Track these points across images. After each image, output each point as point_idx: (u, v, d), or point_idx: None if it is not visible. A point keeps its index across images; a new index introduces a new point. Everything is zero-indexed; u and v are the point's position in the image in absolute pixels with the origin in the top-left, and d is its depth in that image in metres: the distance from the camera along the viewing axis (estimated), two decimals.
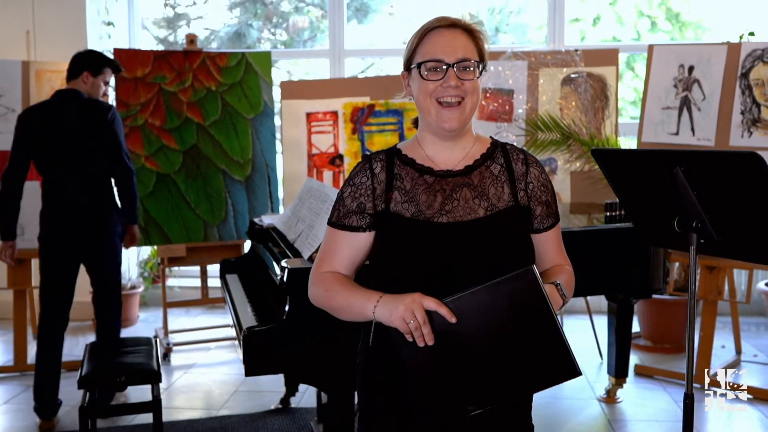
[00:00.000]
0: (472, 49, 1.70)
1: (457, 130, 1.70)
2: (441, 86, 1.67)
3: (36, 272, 4.76)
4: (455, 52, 1.67)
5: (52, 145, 3.77)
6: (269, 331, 2.62)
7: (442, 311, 1.52)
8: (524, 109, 4.89)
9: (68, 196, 3.79)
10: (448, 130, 1.70)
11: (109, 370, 3.16)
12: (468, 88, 1.68)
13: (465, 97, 1.68)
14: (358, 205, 1.72)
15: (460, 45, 1.68)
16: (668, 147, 4.29)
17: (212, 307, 5.77)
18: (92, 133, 3.78)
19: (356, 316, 1.67)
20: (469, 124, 1.74)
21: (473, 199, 1.70)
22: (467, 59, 1.68)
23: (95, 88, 3.89)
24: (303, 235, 3.04)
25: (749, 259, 2.09)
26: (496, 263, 1.62)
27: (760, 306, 5.16)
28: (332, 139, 5.05)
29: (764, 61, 4.14)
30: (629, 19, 6.35)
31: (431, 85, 1.68)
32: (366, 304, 1.62)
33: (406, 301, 1.55)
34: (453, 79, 1.66)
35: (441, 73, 1.67)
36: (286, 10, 6.60)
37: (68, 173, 3.78)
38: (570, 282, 1.78)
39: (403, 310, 1.54)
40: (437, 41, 1.68)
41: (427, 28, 1.71)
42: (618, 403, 3.94)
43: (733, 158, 1.88)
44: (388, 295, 1.61)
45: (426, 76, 1.68)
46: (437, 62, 1.67)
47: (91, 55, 3.94)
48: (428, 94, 1.69)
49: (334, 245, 1.76)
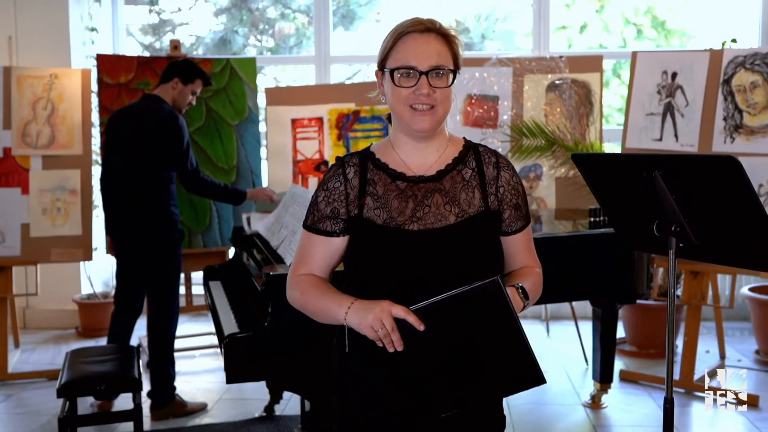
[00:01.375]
0: (446, 55, 1.69)
1: (428, 131, 1.70)
2: (413, 93, 1.67)
3: (17, 280, 4.74)
4: (428, 58, 1.66)
5: (120, 150, 3.83)
6: (250, 338, 2.60)
7: (410, 319, 1.53)
8: (509, 116, 4.89)
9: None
10: (420, 131, 1.70)
11: (90, 379, 3.13)
12: (438, 96, 1.68)
13: (436, 105, 1.68)
14: (332, 210, 1.73)
15: (434, 51, 1.67)
16: (652, 152, 4.31)
17: (196, 314, 5.73)
18: (156, 143, 3.80)
19: (330, 320, 1.69)
20: (441, 126, 1.75)
21: (444, 205, 1.70)
22: (440, 66, 1.67)
23: (182, 96, 3.97)
24: (286, 241, 3.02)
25: (728, 263, 2.09)
26: (467, 269, 1.64)
27: (743, 311, 5.18)
28: (317, 145, 5.04)
29: (746, 67, 4.16)
30: (615, 27, 6.38)
31: (404, 91, 1.68)
32: (338, 311, 1.64)
33: (375, 310, 1.56)
34: (425, 87, 1.66)
35: (413, 80, 1.67)
36: (272, 16, 6.59)
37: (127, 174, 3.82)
38: (536, 284, 1.77)
39: (372, 318, 1.56)
40: (411, 47, 1.67)
41: (401, 32, 1.70)
42: (603, 409, 3.94)
43: (710, 162, 1.89)
44: (359, 302, 1.62)
45: (399, 82, 1.68)
46: (410, 69, 1.67)
47: (185, 64, 4.04)
48: (401, 100, 1.69)
49: (310, 248, 1.77)
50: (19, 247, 4.54)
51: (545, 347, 5.02)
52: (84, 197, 4.71)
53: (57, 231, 4.62)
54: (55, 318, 5.59)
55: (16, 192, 4.46)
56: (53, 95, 4.68)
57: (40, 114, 4.65)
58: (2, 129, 4.59)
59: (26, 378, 4.46)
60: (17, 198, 4.51)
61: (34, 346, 5.15)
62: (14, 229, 4.53)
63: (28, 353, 4.99)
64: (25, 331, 5.45)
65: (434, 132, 1.72)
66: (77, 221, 4.67)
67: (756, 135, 4.10)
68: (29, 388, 4.33)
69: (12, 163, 4.58)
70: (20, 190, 4.53)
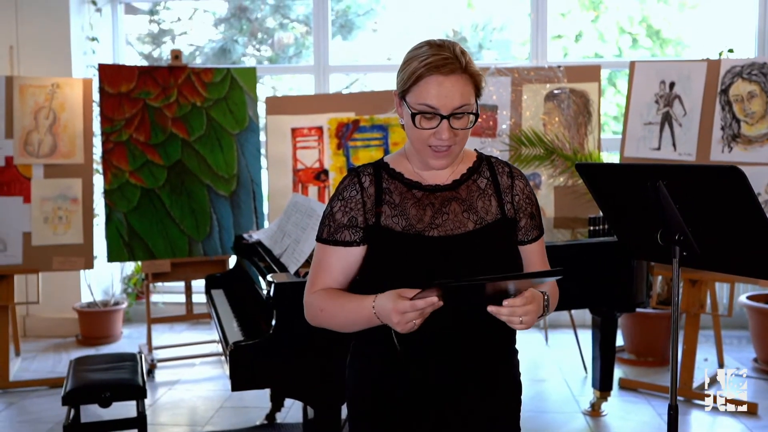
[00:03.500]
0: (469, 93, 1.64)
1: (445, 167, 1.72)
2: (433, 135, 1.64)
3: (18, 288, 4.75)
4: (452, 102, 1.62)
5: None
6: (255, 346, 2.62)
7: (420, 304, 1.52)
8: (508, 125, 4.93)
9: None
10: (436, 168, 1.72)
11: (94, 387, 3.14)
12: (460, 136, 1.66)
13: (455, 143, 1.67)
14: (350, 219, 1.72)
15: (458, 93, 1.62)
16: (650, 162, 4.34)
17: (197, 322, 5.74)
18: None
19: (358, 322, 1.67)
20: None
21: (462, 212, 1.71)
22: (463, 106, 1.63)
23: None
24: (289, 249, 3.04)
25: (732, 272, 2.12)
26: (485, 275, 1.64)
27: (741, 319, 5.21)
28: (317, 154, 5.06)
29: (743, 77, 4.20)
30: (611, 36, 6.43)
31: (425, 133, 1.65)
32: (364, 306, 1.63)
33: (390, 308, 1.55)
34: (446, 132, 1.63)
35: (435, 122, 1.63)
36: (272, 26, 6.62)
37: None
38: (554, 294, 1.80)
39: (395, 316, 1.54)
40: (435, 89, 1.61)
41: (427, 67, 1.61)
42: (602, 417, 3.96)
43: (714, 172, 1.91)
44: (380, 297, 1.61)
45: (419, 123, 1.64)
46: (432, 111, 1.62)
47: None
48: (420, 139, 1.66)
49: (326, 262, 1.74)
50: (21, 255, 4.55)
51: (544, 355, 5.04)
52: (85, 206, 4.73)
53: (58, 239, 4.63)
54: (55, 326, 5.59)
55: (17, 201, 4.48)
56: (55, 104, 4.70)
57: (42, 123, 4.67)
58: (4, 138, 4.60)
59: (28, 386, 4.46)
60: (19, 207, 4.52)
61: (34, 354, 5.16)
62: (16, 238, 4.54)
63: (28, 361, 4.99)
64: (26, 339, 5.46)
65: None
66: (79, 230, 4.68)
67: (754, 144, 4.14)
68: (31, 396, 4.33)
69: (14, 172, 4.60)
70: (22, 199, 4.55)
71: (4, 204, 4.55)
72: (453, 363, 1.69)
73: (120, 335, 5.55)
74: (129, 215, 4.79)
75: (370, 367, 1.76)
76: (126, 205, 4.77)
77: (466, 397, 1.72)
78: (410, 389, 1.71)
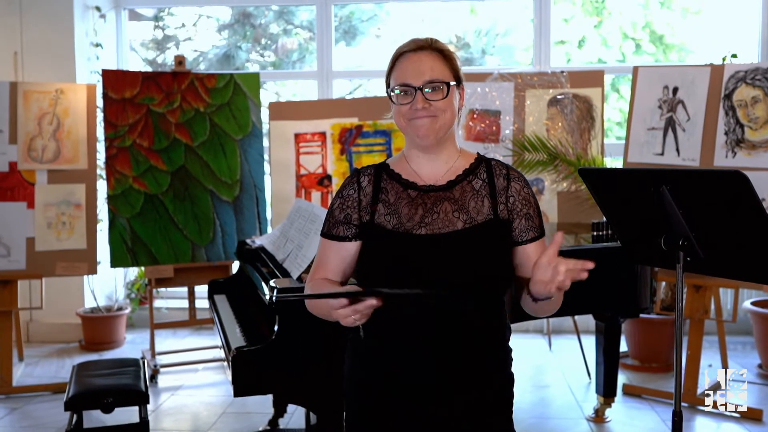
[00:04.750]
0: (441, 69, 1.75)
1: (430, 137, 1.75)
2: (410, 108, 1.74)
3: (22, 293, 4.75)
4: (422, 74, 1.73)
5: None
6: (258, 352, 2.61)
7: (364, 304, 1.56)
8: (511, 130, 4.93)
9: None
10: (423, 138, 1.75)
11: (97, 392, 3.14)
12: (438, 107, 1.74)
13: (437, 115, 1.74)
14: (345, 216, 1.81)
15: (427, 67, 1.74)
16: (654, 167, 4.34)
17: (199, 328, 5.74)
18: None
19: (322, 312, 1.75)
20: (448, 134, 1.79)
21: (453, 212, 1.75)
22: (434, 80, 1.73)
23: None
24: (292, 255, 3.04)
25: (735, 277, 2.11)
26: (473, 275, 1.68)
27: (746, 325, 5.19)
28: (320, 159, 5.06)
29: (747, 82, 4.20)
30: (614, 41, 6.43)
31: (403, 108, 1.76)
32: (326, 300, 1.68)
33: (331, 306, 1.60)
34: (420, 101, 1.73)
35: (410, 96, 1.74)
36: (275, 32, 6.63)
37: None
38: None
39: (334, 313, 1.60)
40: (406, 65, 1.76)
41: (399, 53, 1.79)
42: (606, 423, 3.95)
43: (718, 177, 1.91)
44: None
45: (397, 99, 1.76)
46: (406, 86, 1.74)
47: None
48: (401, 116, 1.77)
49: (324, 255, 1.85)
50: (24, 260, 4.55)
51: (548, 361, 5.03)
52: (89, 211, 4.73)
53: (62, 245, 4.64)
54: (58, 331, 5.59)
55: (21, 206, 4.48)
56: (59, 110, 4.71)
57: (46, 129, 4.68)
58: (8, 143, 4.61)
59: (31, 391, 4.46)
60: (23, 212, 4.53)
61: (37, 359, 5.16)
62: (19, 243, 4.55)
63: (32, 367, 4.99)
64: (29, 345, 5.46)
65: (438, 139, 1.76)
66: (82, 235, 4.69)
67: (758, 149, 4.13)
68: (34, 401, 4.33)
69: (18, 178, 4.60)
70: (26, 204, 4.55)
71: (8, 209, 4.55)
72: (442, 360, 1.71)
73: (123, 341, 5.55)
74: (132, 221, 4.79)
75: (362, 362, 1.81)
76: (129, 211, 4.77)
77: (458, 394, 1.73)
78: (400, 385, 1.74)
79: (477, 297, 1.72)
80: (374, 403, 1.78)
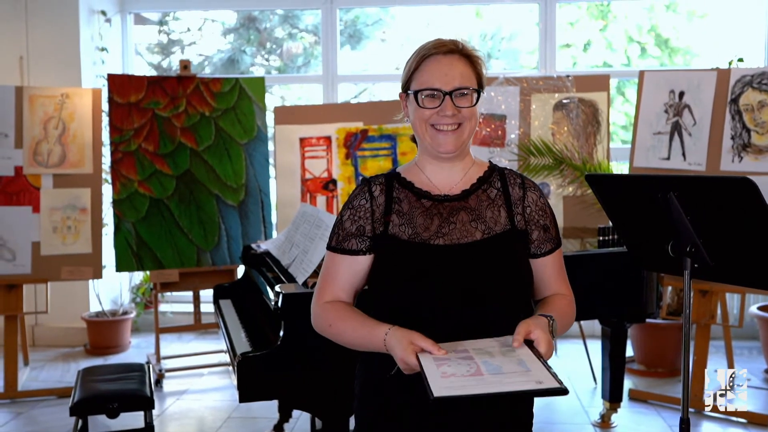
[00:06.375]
0: (470, 76, 1.70)
1: (453, 152, 1.71)
2: (437, 114, 1.68)
3: (27, 297, 4.75)
4: (452, 80, 1.67)
5: None
6: (264, 357, 2.61)
7: (434, 350, 1.52)
8: (517, 134, 4.92)
9: None
10: (444, 153, 1.71)
11: (102, 397, 3.13)
12: (465, 114, 1.69)
13: (462, 123, 1.69)
14: (358, 228, 1.73)
15: (458, 73, 1.68)
16: (660, 172, 4.33)
17: (205, 332, 5.74)
18: None
19: (363, 345, 1.68)
20: (466, 146, 1.75)
21: (470, 222, 1.70)
22: (464, 87, 1.68)
23: None
24: (297, 260, 3.03)
25: (743, 284, 2.10)
26: (493, 286, 1.64)
27: (752, 330, 5.17)
28: (326, 164, 5.06)
29: (753, 87, 4.18)
30: (619, 45, 6.42)
31: (427, 112, 1.69)
32: (376, 342, 1.62)
33: (399, 349, 1.55)
34: (449, 108, 1.67)
35: (437, 101, 1.67)
36: (280, 36, 6.64)
37: None
38: (567, 314, 1.76)
39: (398, 359, 1.55)
40: (434, 68, 1.68)
41: (424, 54, 1.71)
42: (612, 428, 3.93)
43: (726, 183, 1.90)
44: (393, 332, 1.60)
45: (423, 103, 1.69)
46: (434, 90, 1.67)
47: None
48: (424, 120, 1.70)
49: (334, 270, 1.76)
50: (30, 265, 4.56)
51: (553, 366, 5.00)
52: (94, 216, 4.74)
53: (67, 249, 4.64)
54: (63, 336, 5.60)
55: (27, 210, 4.49)
56: (64, 114, 4.72)
57: (51, 133, 4.68)
58: (14, 148, 4.62)
59: (36, 396, 4.46)
60: (28, 216, 4.54)
61: (43, 363, 5.16)
62: (25, 248, 4.55)
63: (37, 371, 5.00)
64: (34, 349, 5.46)
65: (459, 153, 1.73)
66: (87, 239, 4.69)
67: (764, 154, 4.12)
68: (39, 405, 4.33)
69: (23, 182, 4.61)
70: (31, 209, 4.56)
71: (14, 213, 4.56)
72: None
73: (128, 345, 5.55)
74: (137, 225, 4.79)
75: (376, 376, 1.75)
76: (134, 215, 4.78)
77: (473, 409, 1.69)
78: (416, 400, 1.67)
79: (508, 312, 1.66)
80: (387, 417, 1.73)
